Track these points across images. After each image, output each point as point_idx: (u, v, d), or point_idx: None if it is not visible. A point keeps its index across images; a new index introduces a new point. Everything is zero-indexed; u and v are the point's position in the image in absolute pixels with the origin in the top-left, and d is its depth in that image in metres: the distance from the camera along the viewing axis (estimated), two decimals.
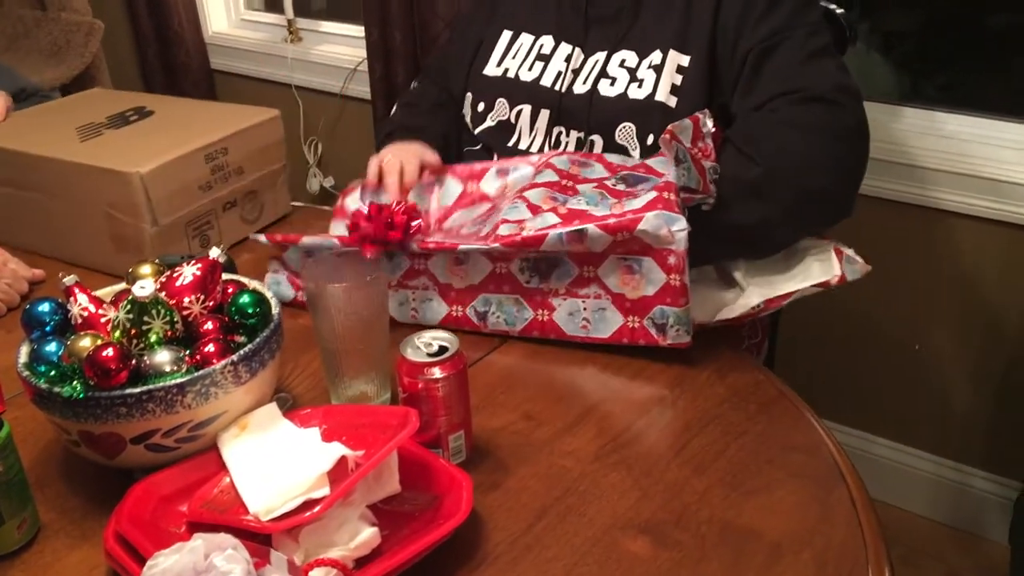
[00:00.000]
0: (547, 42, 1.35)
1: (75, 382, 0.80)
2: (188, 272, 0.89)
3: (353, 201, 1.27)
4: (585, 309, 1.06)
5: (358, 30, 2.33)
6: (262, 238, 1.20)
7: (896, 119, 1.79)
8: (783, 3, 1.21)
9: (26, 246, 1.37)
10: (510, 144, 1.35)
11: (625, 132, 1.25)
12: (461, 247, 1.07)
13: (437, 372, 0.86)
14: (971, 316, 1.79)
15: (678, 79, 1.24)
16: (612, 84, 1.27)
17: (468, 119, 1.41)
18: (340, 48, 2.46)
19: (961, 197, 1.70)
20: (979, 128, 1.72)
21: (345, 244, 1.08)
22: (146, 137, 1.35)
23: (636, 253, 1.02)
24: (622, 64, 1.27)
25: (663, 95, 1.23)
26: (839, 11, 1.42)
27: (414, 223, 1.09)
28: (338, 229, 1.24)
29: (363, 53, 2.24)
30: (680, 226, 0.99)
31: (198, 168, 1.30)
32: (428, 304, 1.12)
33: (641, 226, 0.99)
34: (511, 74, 1.36)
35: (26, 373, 0.83)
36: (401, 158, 1.26)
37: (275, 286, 1.19)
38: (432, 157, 1.30)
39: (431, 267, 1.12)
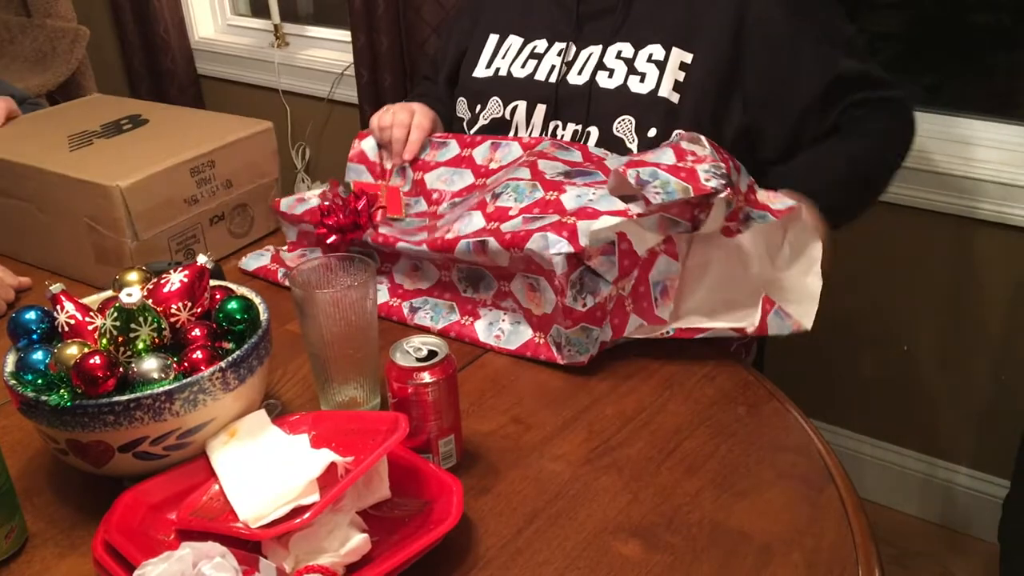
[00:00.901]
0: (540, 44, 1.35)
1: (62, 390, 0.79)
2: (175, 279, 0.89)
3: (369, 147, 1.37)
4: (504, 320, 1.10)
5: (345, 35, 2.33)
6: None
7: None
8: (805, 33, 1.23)
9: (12, 254, 1.37)
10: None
11: (624, 125, 1.25)
12: (399, 244, 1.14)
13: (427, 377, 0.86)
14: (958, 316, 1.79)
15: (681, 76, 1.24)
16: (610, 76, 1.27)
17: (464, 123, 1.41)
18: (327, 53, 2.46)
19: (948, 198, 1.71)
20: (966, 129, 1.73)
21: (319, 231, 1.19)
22: (134, 148, 1.33)
23: (533, 272, 1.04)
24: (619, 56, 1.27)
25: (666, 91, 1.23)
26: None
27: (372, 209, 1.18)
28: (353, 174, 1.37)
29: (350, 58, 2.24)
30: (559, 249, 0.98)
31: (183, 181, 1.27)
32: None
33: (528, 245, 1.00)
34: (503, 72, 1.36)
35: (13, 382, 0.83)
36: (412, 112, 1.32)
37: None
38: (426, 116, 1.36)
39: (394, 271, 1.19)
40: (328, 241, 1.18)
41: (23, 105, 1.56)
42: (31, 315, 0.88)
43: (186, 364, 0.83)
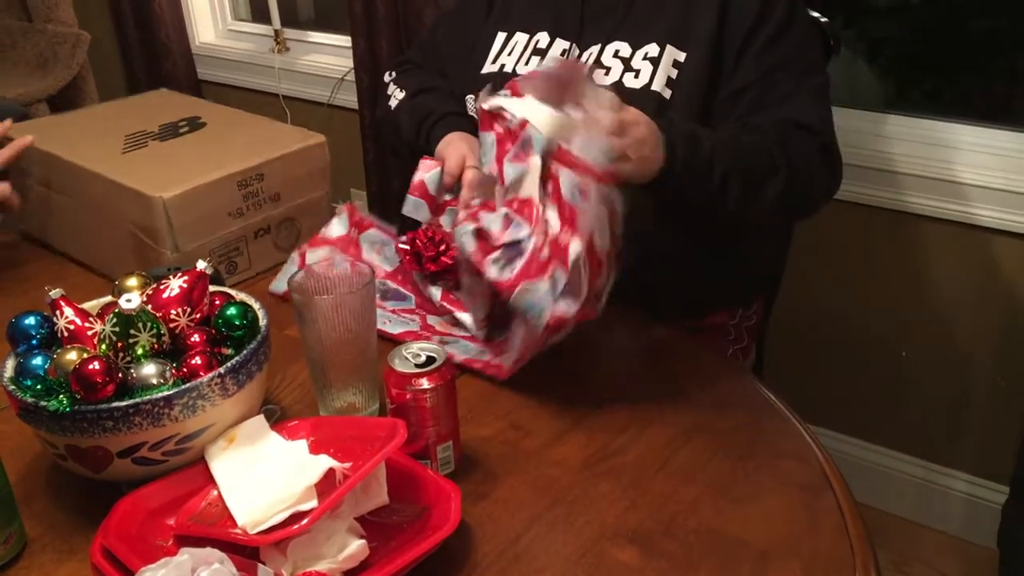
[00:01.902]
0: (543, 38, 1.35)
1: (61, 396, 0.79)
2: (175, 284, 0.89)
3: (431, 180, 1.27)
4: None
5: (345, 40, 2.33)
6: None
7: (881, 126, 1.80)
8: (788, 34, 1.24)
9: (56, 245, 1.39)
10: None
11: None
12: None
13: (425, 383, 0.86)
14: (956, 322, 1.80)
15: (673, 73, 1.25)
16: (606, 74, 1.27)
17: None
18: (327, 58, 2.46)
19: (946, 204, 1.71)
20: (964, 135, 1.73)
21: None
22: (185, 155, 1.32)
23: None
24: (616, 54, 1.28)
25: (659, 86, 1.24)
26: (823, 20, 1.42)
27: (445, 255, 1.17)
28: (411, 207, 1.27)
29: (350, 63, 2.24)
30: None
31: (229, 194, 1.25)
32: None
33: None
34: (507, 69, 1.36)
35: (12, 387, 0.83)
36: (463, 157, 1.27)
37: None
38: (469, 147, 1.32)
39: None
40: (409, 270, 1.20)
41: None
42: (30, 320, 0.88)
43: (185, 370, 0.84)
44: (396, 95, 1.45)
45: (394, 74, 1.51)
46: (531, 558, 0.80)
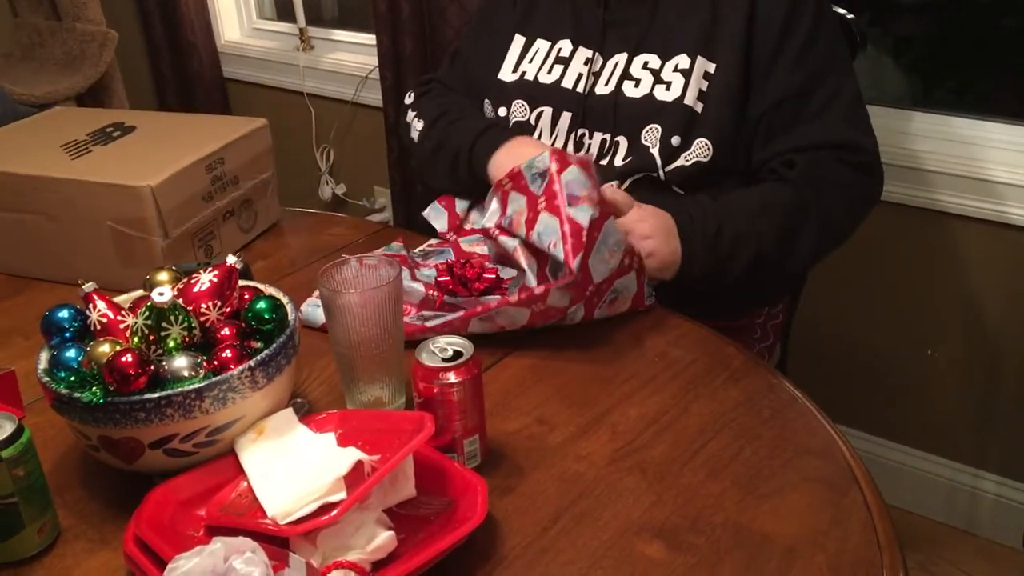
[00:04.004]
0: (565, 46, 1.35)
1: (94, 388, 0.81)
2: (205, 279, 0.90)
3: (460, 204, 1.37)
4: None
5: (369, 38, 2.34)
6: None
7: (907, 124, 1.79)
8: (819, 40, 1.23)
9: (24, 272, 1.34)
10: None
11: (651, 134, 1.26)
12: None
13: (452, 377, 0.87)
14: (984, 321, 1.78)
15: (704, 85, 1.25)
16: (637, 86, 1.27)
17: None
18: (352, 56, 2.47)
19: (973, 201, 1.70)
20: (991, 132, 1.72)
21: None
22: (140, 151, 1.33)
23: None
24: (645, 66, 1.27)
25: (691, 99, 1.24)
26: (849, 16, 1.42)
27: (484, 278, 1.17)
28: (433, 213, 1.37)
29: (375, 61, 2.25)
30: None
31: (200, 179, 1.29)
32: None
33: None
34: (529, 77, 1.36)
35: (46, 379, 0.84)
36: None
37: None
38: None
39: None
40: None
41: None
42: (64, 313, 0.90)
43: (215, 363, 0.85)
44: (416, 126, 1.45)
45: (412, 97, 1.50)
46: (557, 552, 0.81)
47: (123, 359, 0.80)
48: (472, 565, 0.79)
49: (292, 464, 0.83)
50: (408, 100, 1.50)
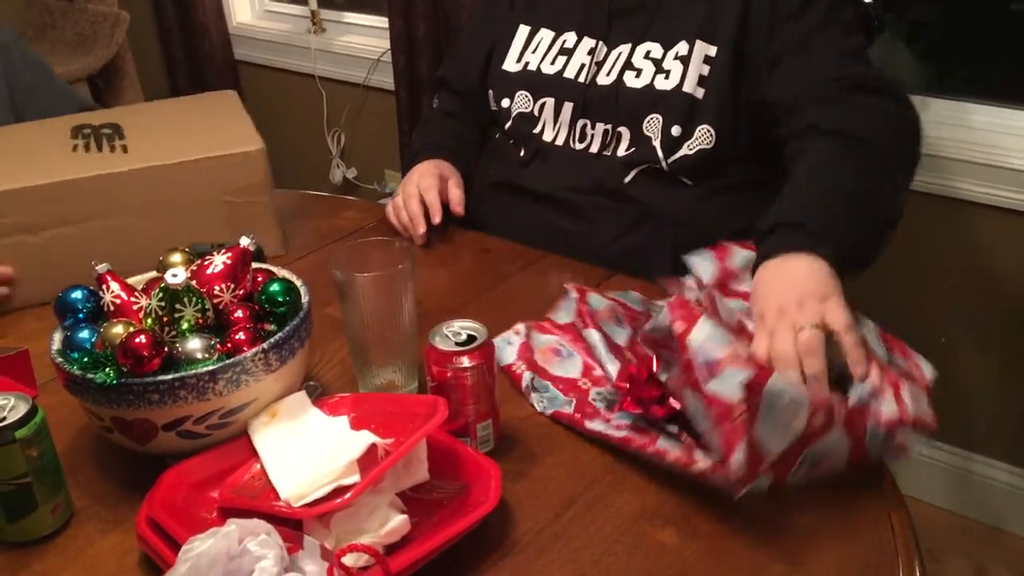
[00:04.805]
0: (570, 38, 1.34)
1: (108, 369, 0.81)
2: (219, 261, 0.90)
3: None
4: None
5: (382, 21, 2.33)
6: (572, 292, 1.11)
7: (922, 110, 1.77)
8: (816, 3, 1.21)
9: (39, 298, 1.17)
10: (535, 132, 1.35)
11: (653, 124, 1.25)
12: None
13: (466, 361, 0.86)
14: (997, 309, 1.77)
15: (705, 70, 1.23)
16: (638, 76, 1.26)
17: (496, 114, 1.41)
18: (363, 39, 2.46)
19: (987, 188, 1.68)
20: (1005, 119, 1.70)
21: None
22: (175, 131, 1.32)
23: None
24: (647, 56, 1.27)
25: (690, 86, 1.23)
26: (867, 0, 1.40)
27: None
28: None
29: (386, 44, 2.24)
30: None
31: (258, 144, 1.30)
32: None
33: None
34: (532, 67, 1.36)
35: (59, 360, 0.84)
36: (416, 184, 1.33)
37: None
38: (447, 169, 1.38)
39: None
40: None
41: None
42: (77, 294, 0.90)
43: (229, 345, 0.84)
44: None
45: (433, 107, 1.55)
46: (570, 537, 0.80)
47: (137, 340, 0.80)
48: (485, 550, 0.79)
49: (305, 447, 0.83)
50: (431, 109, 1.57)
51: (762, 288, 0.95)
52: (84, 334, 0.86)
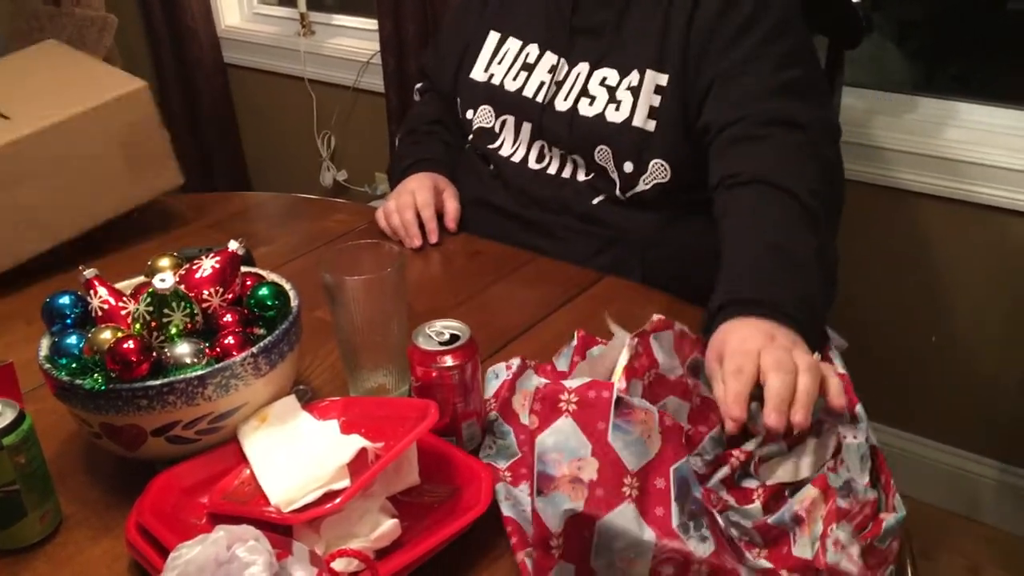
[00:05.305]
0: (532, 51, 1.34)
1: (96, 374, 0.80)
2: (207, 265, 0.89)
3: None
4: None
5: (371, 23, 2.33)
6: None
7: (911, 109, 1.78)
8: (752, 31, 1.16)
9: (43, 244, 1.24)
10: (493, 146, 1.36)
11: (603, 154, 1.24)
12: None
13: (449, 360, 0.86)
14: (989, 308, 1.78)
15: (656, 100, 1.21)
16: (591, 104, 1.25)
17: (463, 123, 1.42)
18: (353, 41, 2.46)
19: (977, 187, 1.69)
20: (995, 117, 1.71)
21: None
22: (43, 90, 1.30)
23: None
24: (603, 83, 1.25)
25: (640, 119, 1.21)
26: (855, 0, 1.41)
27: None
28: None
29: (376, 46, 2.24)
30: None
31: None
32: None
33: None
34: (496, 81, 1.35)
35: (47, 366, 0.84)
36: (412, 195, 1.32)
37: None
38: (443, 182, 1.37)
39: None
40: None
41: None
42: (65, 300, 0.89)
43: (218, 349, 0.84)
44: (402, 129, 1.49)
45: (417, 94, 1.55)
46: None
47: (125, 346, 0.79)
48: (477, 552, 0.79)
49: (295, 452, 0.83)
50: (415, 96, 1.56)
51: (722, 335, 0.89)
52: (72, 340, 0.85)
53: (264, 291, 0.89)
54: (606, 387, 0.74)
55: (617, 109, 1.23)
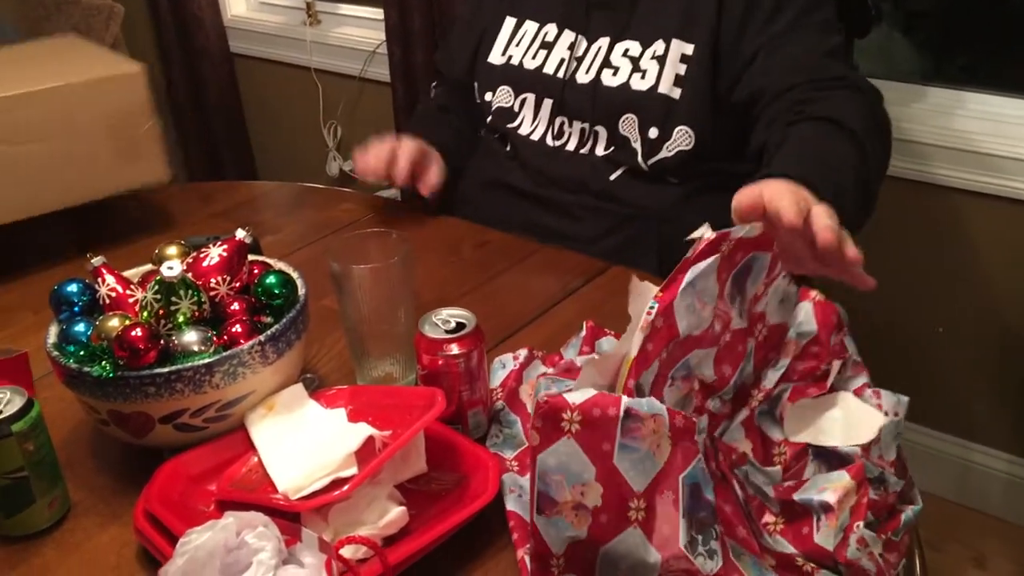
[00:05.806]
0: (551, 30, 1.34)
1: (104, 362, 0.80)
2: (215, 253, 0.89)
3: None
4: None
5: (377, 12, 2.32)
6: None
7: (919, 99, 1.77)
8: (792, 2, 1.20)
9: (20, 214, 1.21)
10: (512, 125, 1.36)
11: (628, 123, 1.25)
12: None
13: (455, 348, 0.86)
14: (995, 299, 1.77)
15: (682, 68, 1.22)
16: (615, 74, 1.26)
17: (481, 107, 1.41)
18: (359, 31, 2.45)
19: (985, 177, 1.68)
20: (1003, 108, 1.70)
21: None
22: (46, 62, 1.30)
23: None
24: (625, 54, 1.26)
25: (666, 87, 1.22)
26: None
27: None
28: None
29: (382, 35, 2.23)
30: None
31: None
32: None
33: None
34: (515, 61, 1.36)
35: (55, 353, 0.84)
36: (396, 139, 1.30)
37: None
38: (434, 154, 1.35)
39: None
40: None
41: None
42: (73, 287, 0.89)
43: (226, 337, 0.84)
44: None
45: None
46: None
47: (133, 333, 0.79)
48: (484, 541, 0.79)
49: (303, 439, 0.83)
50: (430, 95, 1.55)
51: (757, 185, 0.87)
52: (80, 327, 0.86)
53: (271, 279, 0.89)
54: (613, 403, 0.67)
55: (643, 78, 1.24)
